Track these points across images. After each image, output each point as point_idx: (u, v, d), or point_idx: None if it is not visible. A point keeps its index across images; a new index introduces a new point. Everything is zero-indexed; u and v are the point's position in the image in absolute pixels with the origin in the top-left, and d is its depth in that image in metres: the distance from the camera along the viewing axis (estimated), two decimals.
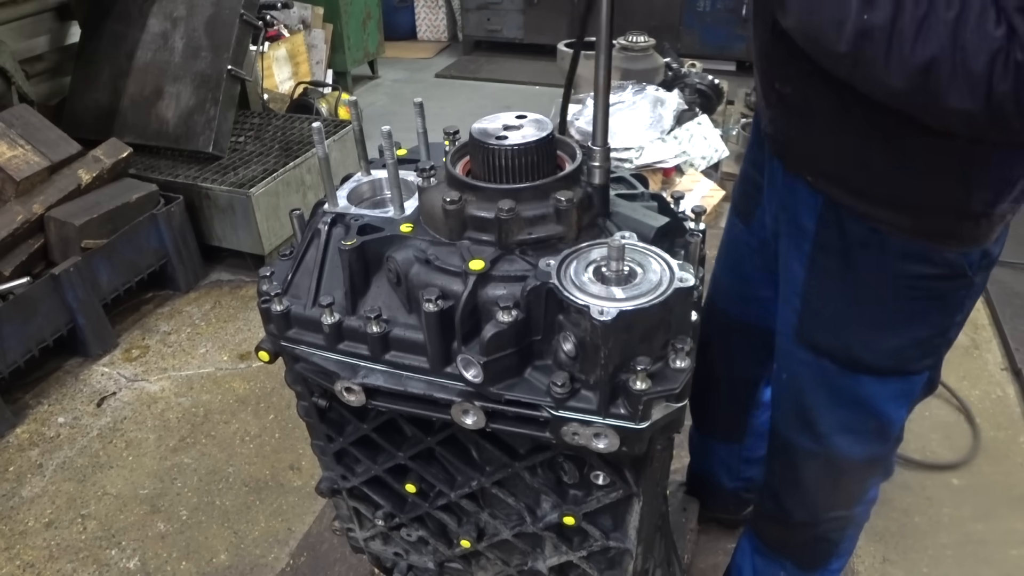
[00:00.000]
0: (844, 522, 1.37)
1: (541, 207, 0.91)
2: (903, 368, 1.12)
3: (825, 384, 1.18)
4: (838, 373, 1.15)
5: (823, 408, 1.20)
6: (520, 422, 0.89)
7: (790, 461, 1.32)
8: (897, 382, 1.14)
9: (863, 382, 1.14)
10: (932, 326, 1.08)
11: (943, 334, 1.10)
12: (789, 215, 1.14)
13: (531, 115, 0.99)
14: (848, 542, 1.45)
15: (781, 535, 1.48)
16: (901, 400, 1.17)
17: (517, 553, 1.20)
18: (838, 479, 1.29)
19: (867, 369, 1.12)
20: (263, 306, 1.00)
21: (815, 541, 1.42)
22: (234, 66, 3.22)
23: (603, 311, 0.77)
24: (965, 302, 1.07)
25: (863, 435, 1.20)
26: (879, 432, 1.20)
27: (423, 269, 0.91)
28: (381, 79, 5.98)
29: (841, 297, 1.09)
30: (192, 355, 2.86)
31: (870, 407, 1.17)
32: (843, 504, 1.34)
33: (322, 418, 1.15)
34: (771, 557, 1.53)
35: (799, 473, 1.32)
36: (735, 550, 1.70)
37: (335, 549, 2.03)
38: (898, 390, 1.15)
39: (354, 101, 1.12)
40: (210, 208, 3.18)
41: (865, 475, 1.29)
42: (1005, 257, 3.47)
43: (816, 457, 1.26)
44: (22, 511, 2.22)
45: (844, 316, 1.10)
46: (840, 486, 1.31)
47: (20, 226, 2.66)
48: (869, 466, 1.27)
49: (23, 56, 3.36)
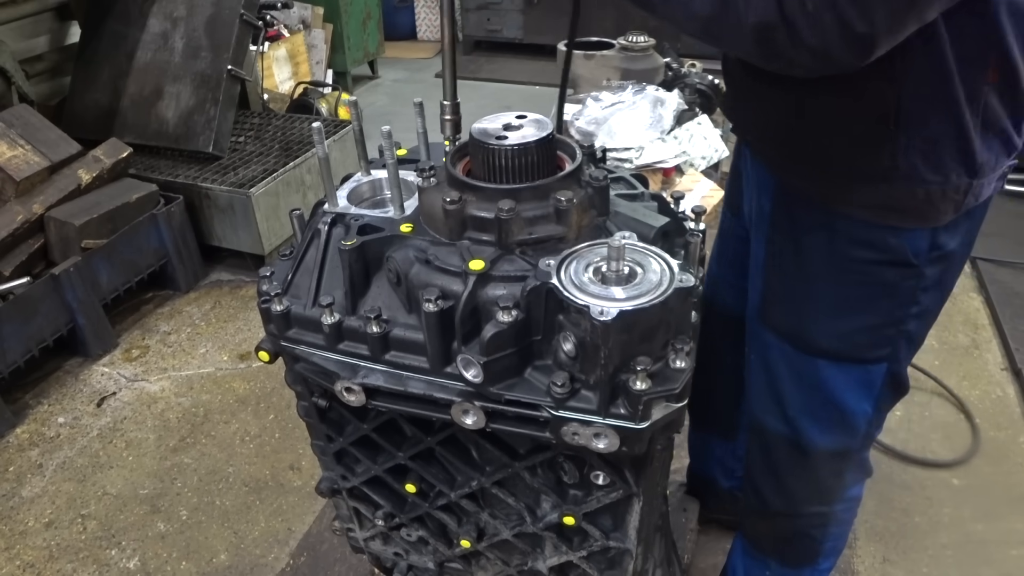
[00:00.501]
0: (825, 519, 1.37)
1: (541, 207, 0.91)
2: (856, 355, 1.13)
3: (789, 366, 1.20)
4: (797, 356, 1.17)
5: (789, 390, 1.22)
6: (520, 422, 0.89)
7: (764, 445, 1.34)
8: (853, 369, 1.14)
9: (820, 366, 1.15)
10: (883, 314, 1.08)
11: (896, 325, 1.09)
12: (756, 199, 1.19)
13: (531, 115, 0.99)
14: (832, 541, 1.43)
15: (763, 529, 1.49)
16: (860, 391, 1.17)
17: (517, 553, 1.20)
18: (810, 469, 1.29)
19: (822, 352, 1.14)
20: (263, 306, 1.00)
21: (796, 536, 1.42)
22: (234, 66, 3.22)
23: (603, 311, 0.77)
24: (918, 296, 1.06)
25: (827, 423, 1.22)
26: (842, 422, 1.21)
27: (423, 269, 0.91)
28: (381, 79, 5.99)
29: (795, 279, 1.12)
30: (192, 355, 2.86)
31: (828, 393, 1.18)
32: (821, 499, 1.34)
33: (322, 418, 1.15)
34: (757, 556, 1.54)
35: (772, 458, 1.33)
36: (730, 551, 1.71)
37: (335, 549, 2.03)
38: (855, 379, 1.16)
39: (354, 101, 1.12)
40: (210, 208, 3.18)
41: (838, 468, 1.29)
42: (1005, 257, 3.48)
43: (786, 441, 1.27)
44: (22, 511, 2.22)
45: (799, 298, 1.13)
46: (813, 477, 1.31)
47: (20, 226, 2.66)
48: (839, 458, 1.27)
49: (23, 56, 3.36)
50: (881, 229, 1.00)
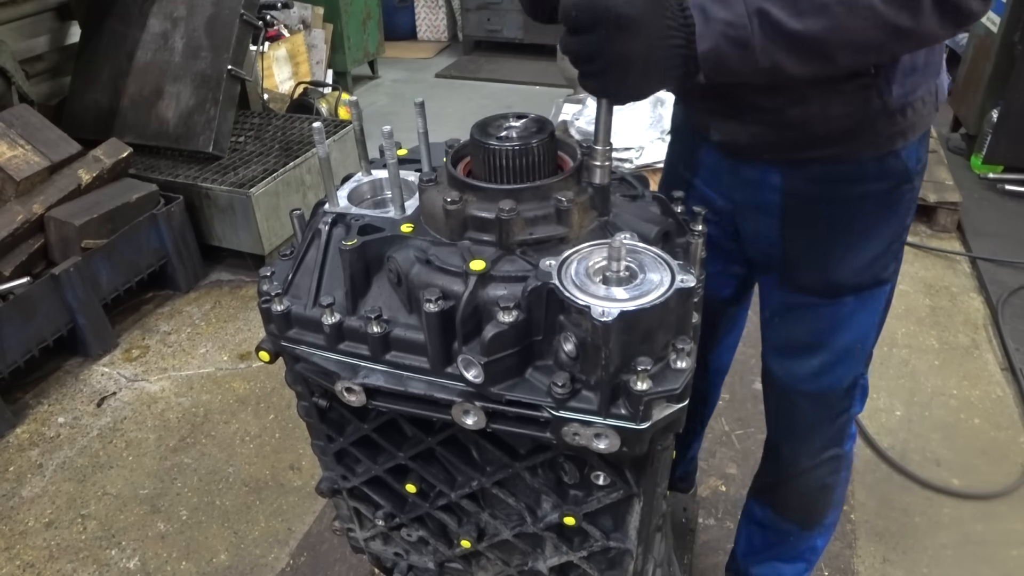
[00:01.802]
0: (838, 462, 1.45)
1: (542, 207, 0.91)
2: (877, 278, 1.23)
3: (818, 318, 1.27)
4: (826, 305, 1.24)
5: (823, 340, 1.29)
6: (521, 422, 0.89)
7: (787, 405, 1.40)
8: (869, 297, 1.25)
9: (845, 303, 1.23)
10: (891, 233, 1.19)
11: (899, 239, 1.22)
12: (751, 194, 1.22)
13: (532, 115, 0.99)
14: (842, 487, 1.51)
15: (788, 493, 1.53)
16: (874, 315, 1.28)
17: (517, 553, 1.20)
18: (832, 413, 1.37)
19: (849, 289, 1.22)
20: (263, 306, 1.00)
21: (819, 490, 1.48)
22: (234, 66, 3.22)
23: (604, 312, 0.76)
24: (910, 206, 1.19)
25: (849, 359, 1.30)
26: (861, 351, 1.31)
27: (424, 269, 0.91)
28: (381, 79, 5.99)
29: (817, 239, 1.19)
30: (192, 355, 2.86)
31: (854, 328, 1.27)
32: (836, 440, 1.42)
33: (322, 418, 1.15)
34: (778, 525, 1.58)
35: (795, 417, 1.40)
36: (738, 534, 1.72)
37: (335, 549, 2.04)
38: (871, 305, 1.26)
39: (355, 101, 1.11)
40: (210, 208, 3.18)
41: (849, 402, 1.37)
42: (1005, 257, 3.48)
43: (810, 396, 1.35)
44: (22, 511, 2.22)
45: (824, 253, 1.20)
46: (833, 421, 1.38)
47: (20, 226, 2.66)
48: (851, 391, 1.35)
49: (23, 56, 3.36)
50: (886, 156, 1.11)
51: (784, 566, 1.62)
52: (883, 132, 1.07)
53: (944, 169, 3.73)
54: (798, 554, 1.60)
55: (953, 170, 3.76)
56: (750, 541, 1.67)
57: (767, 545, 1.63)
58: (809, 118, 1.06)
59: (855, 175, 1.12)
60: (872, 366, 1.37)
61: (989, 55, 3.85)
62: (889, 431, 2.39)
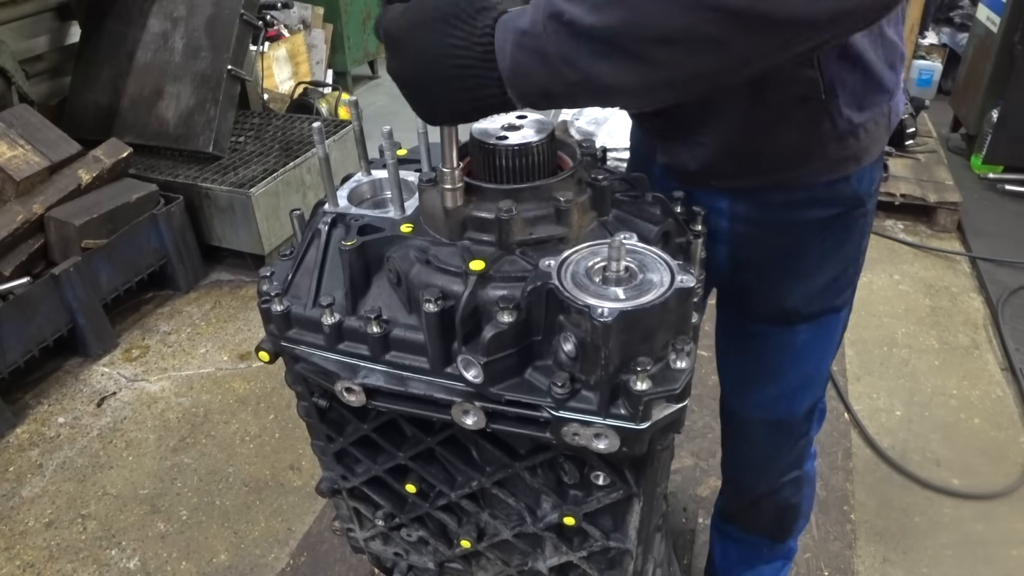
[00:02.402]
0: (800, 482, 1.45)
1: (541, 207, 0.91)
2: (831, 305, 1.21)
3: (776, 345, 1.25)
4: (781, 332, 1.22)
5: (778, 370, 1.27)
6: (520, 423, 0.89)
7: (745, 435, 1.39)
8: (827, 321, 1.22)
9: (799, 331, 1.21)
10: (847, 259, 1.17)
11: (854, 264, 1.19)
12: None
13: (531, 115, 0.99)
14: (807, 502, 1.51)
15: (753, 515, 1.54)
16: (830, 340, 1.27)
17: (517, 553, 1.20)
18: (791, 439, 1.36)
19: (804, 318, 1.20)
20: (263, 306, 1.00)
21: (783, 509, 1.49)
22: (234, 66, 3.22)
23: (604, 311, 0.76)
24: (865, 230, 1.17)
25: (807, 386, 1.29)
26: (818, 378, 1.30)
27: (423, 269, 0.91)
28: (381, 79, 5.98)
29: (771, 267, 1.17)
30: (192, 355, 2.86)
31: (809, 354, 1.25)
32: (796, 463, 1.42)
33: (322, 418, 1.15)
34: (750, 541, 1.59)
35: (755, 446, 1.39)
36: (712, 544, 1.74)
37: (335, 549, 2.04)
38: (827, 330, 1.24)
39: (354, 101, 1.11)
40: (210, 208, 3.18)
41: (807, 426, 1.37)
42: (1005, 257, 3.48)
43: (772, 425, 1.33)
44: (22, 511, 2.22)
45: (774, 282, 1.18)
46: (791, 445, 1.37)
47: (20, 226, 2.66)
48: (809, 416, 1.35)
49: (23, 56, 3.36)
50: (839, 182, 1.07)
51: (764, 567, 1.64)
52: (834, 156, 1.04)
53: (944, 169, 3.73)
54: (774, 556, 1.62)
55: (953, 170, 3.76)
56: (725, 553, 1.68)
57: (743, 558, 1.64)
58: (757, 143, 1.03)
59: (805, 201, 1.09)
60: (872, 366, 1.38)
61: (989, 55, 3.85)
62: (889, 431, 2.39)
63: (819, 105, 0.97)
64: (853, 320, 1.36)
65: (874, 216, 1.18)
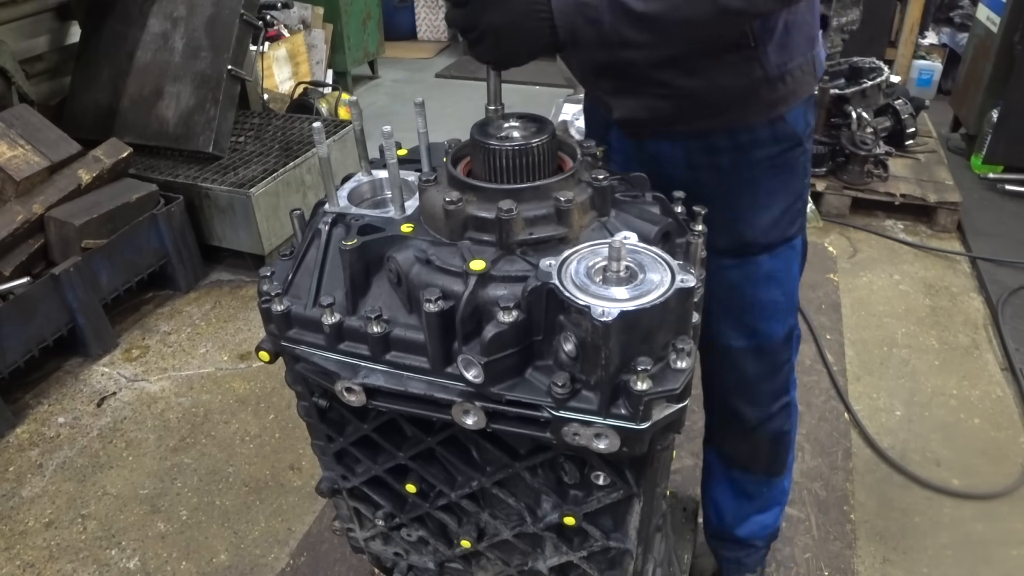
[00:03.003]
0: (789, 408, 1.55)
1: (542, 207, 0.91)
2: (784, 235, 1.35)
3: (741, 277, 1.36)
4: (744, 264, 1.35)
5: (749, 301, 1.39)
6: (521, 422, 0.89)
7: (733, 365, 1.46)
8: (783, 251, 1.36)
9: (762, 262, 1.35)
10: (793, 193, 1.32)
11: (800, 197, 1.34)
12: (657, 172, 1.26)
13: (532, 115, 0.99)
14: (793, 431, 1.60)
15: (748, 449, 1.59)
16: (792, 267, 1.41)
17: (517, 553, 1.20)
18: (774, 366, 1.46)
19: (763, 248, 1.34)
20: (263, 306, 1.00)
21: (777, 437, 1.56)
22: (234, 66, 3.22)
23: (604, 311, 0.76)
24: (806, 167, 1.32)
25: (778, 313, 1.41)
26: (787, 304, 1.42)
27: (424, 269, 0.91)
28: (381, 79, 5.99)
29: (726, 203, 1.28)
30: (192, 355, 2.86)
31: (775, 283, 1.38)
32: (784, 388, 1.51)
33: (322, 418, 1.15)
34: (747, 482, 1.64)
35: (743, 375, 1.46)
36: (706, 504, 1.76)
37: (335, 549, 2.04)
38: (786, 258, 1.38)
39: (355, 101, 1.11)
40: (210, 208, 3.18)
41: (787, 351, 1.47)
42: (1005, 257, 3.47)
43: (753, 352, 1.43)
44: (22, 511, 2.22)
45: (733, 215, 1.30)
46: (776, 372, 1.48)
47: (20, 226, 2.66)
48: (787, 341, 1.46)
49: (23, 56, 3.36)
50: (774, 122, 1.22)
51: (762, 516, 1.69)
52: (766, 99, 1.18)
53: (944, 169, 3.73)
54: (771, 500, 1.68)
55: (953, 170, 3.76)
56: (721, 507, 1.71)
57: (740, 505, 1.68)
58: (700, 88, 1.16)
59: (749, 143, 1.23)
60: (872, 366, 1.39)
61: (989, 55, 3.85)
62: (889, 431, 2.39)
63: (751, 53, 1.13)
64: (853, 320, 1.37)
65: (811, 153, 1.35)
